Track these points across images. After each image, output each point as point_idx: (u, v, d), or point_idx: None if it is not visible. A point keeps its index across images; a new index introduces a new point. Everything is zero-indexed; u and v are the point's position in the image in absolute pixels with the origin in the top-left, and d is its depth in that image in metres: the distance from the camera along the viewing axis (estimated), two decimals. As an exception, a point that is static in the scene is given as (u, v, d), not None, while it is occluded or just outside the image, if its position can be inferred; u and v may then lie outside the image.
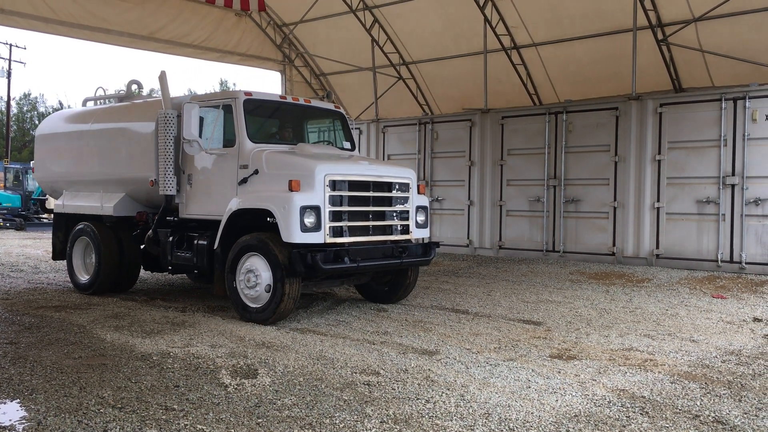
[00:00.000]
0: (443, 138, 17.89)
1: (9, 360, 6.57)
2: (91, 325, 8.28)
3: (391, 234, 9.17)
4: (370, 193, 8.87)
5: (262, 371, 6.21)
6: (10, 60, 44.58)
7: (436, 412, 5.18)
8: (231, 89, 46.06)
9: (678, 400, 5.57)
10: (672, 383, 6.03)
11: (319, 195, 8.26)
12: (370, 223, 8.89)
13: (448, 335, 7.89)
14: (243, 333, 7.83)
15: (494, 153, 16.83)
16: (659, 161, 14.28)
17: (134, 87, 11.70)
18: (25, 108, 64.92)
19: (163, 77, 9.57)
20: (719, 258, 13.45)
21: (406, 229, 9.33)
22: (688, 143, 13.95)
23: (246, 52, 21.08)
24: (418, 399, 5.47)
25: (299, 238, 8.06)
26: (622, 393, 5.72)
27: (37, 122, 65.88)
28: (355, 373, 6.20)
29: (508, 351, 7.17)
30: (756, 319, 9.17)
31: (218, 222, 8.89)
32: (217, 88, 59.60)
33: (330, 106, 10.45)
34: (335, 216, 8.44)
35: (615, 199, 14.88)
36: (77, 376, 6.00)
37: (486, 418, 5.06)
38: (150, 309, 9.48)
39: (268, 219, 8.58)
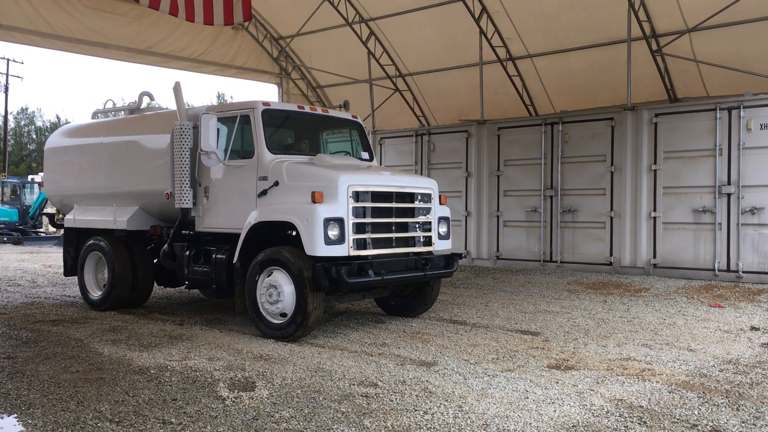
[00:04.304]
0: (440, 149, 17.94)
1: (6, 374, 6.56)
2: (88, 338, 8.27)
3: (414, 246, 8.92)
4: (393, 204, 8.65)
5: (260, 384, 6.21)
6: (7, 74, 44.74)
7: (434, 423, 5.18)
8: (228, 102, 45.97)
9: (676, 409, 5.57)
10: (670, 393, 6.04)
11: (342, 207, 8.04)
12: (393, 235, 8.65)
13: (446, 346, 7.89)
14: (241, 346, 7.83)
15: (491, 164, 16.88)
16: (655, 171, 14.33)
17: (146, 99, 11.39)
18: (22, 122, 64.95)
19: (177, 88, 9.30)
20: (716, 267, 13.47)
21: (428, 241, 9.11)
22: (683, 153, 14.01)
23: (243, 65, 21.16)
24: (416, 410, 5.47)
25: (323, 251, 7.82)
26: (620, 403, 5.73)
27: (34, 136, 65.92)
28: (353, 384, 6.20)
29: (506, 361, 7.17)
30: (753, 328, 9.18)
31: (236, 235, 8.66)
32: (215, 101, 59.73)
33: (347, 115, 10.22)
34: (358, 228, 8.22)
35: (611, 209, 14.91)
36: (75, 391, 5.99)
37: (484, 429, 5.06)
38: (147, 322, 9.47)
39: (288, 232, 8.36)
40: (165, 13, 15.30)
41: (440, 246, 9.31)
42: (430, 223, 9.14)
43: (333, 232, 7.88)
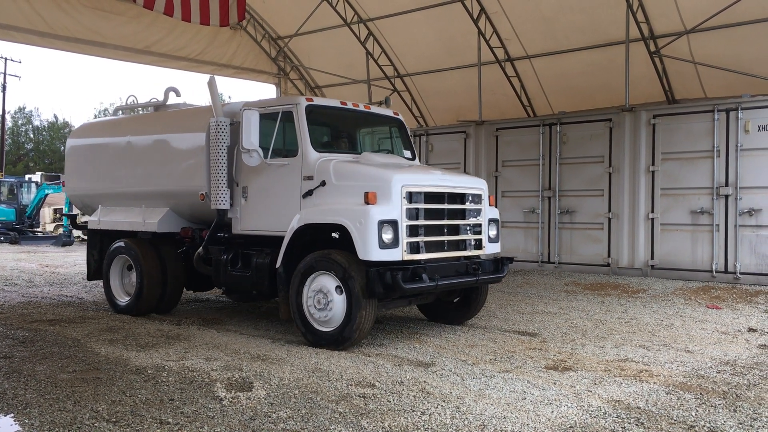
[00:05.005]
0: (438, 150, 17.93)
1: (3, 374, 6.54)
2: (85, 338, 8.25)
3: (465, 249, 8.46)
4: (445, 206, 8.20)
5: (257, 384, 6.20)
6: (5, 74, 44.64)
7: (431, 424, 5.17)
8: (227, 101, 46.14)
9: (673, 410, 5.57)
10: (667, 394, 6.04)
11: (396, 208, 7.60)
12: (446, 238, 8.21)
13: (443, 347, 7.89)
14: (238, 346, 7.82)
15: (489, 164, 16.88)
16: (653, 172, 14.34)
17: (172, 94, 10.78)
18: (20, 122, 64.91)
19: (212, 83, 8.85)
20: (714, 268, 13.48)
21: (479, 244, 8.63)
22: (681, 154, 14.02)
23: (241, 65, 21.14)
24: (413, 411, 5.46)
25: (377, 255, 7.38)
26: (617, 404, 5.73)
27: (31, 136, 65.80)
28: (351, 385, 6.19)
29: (503, 362, 7.17)
30: (751, 330, 9.19)
31: (276, 238, 8.25)
32: (213, 101, 59.53)
33: (389, 112, 9.85)
34: (411, 231, 7.76)
35: (609, 210, 14.92)
36: (71, 390, 5.98)
37: (482, 430, 5.06)
38: (144, 322, 9.45)
39: (333, 234, 8.07)
40: (160, 13, 15.15)
41: (490, 249, 8.85)
42: (480, 225, 8.67)
43: (387, 236, 7.45)
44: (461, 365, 7.01)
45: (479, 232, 8.66)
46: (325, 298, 7.69)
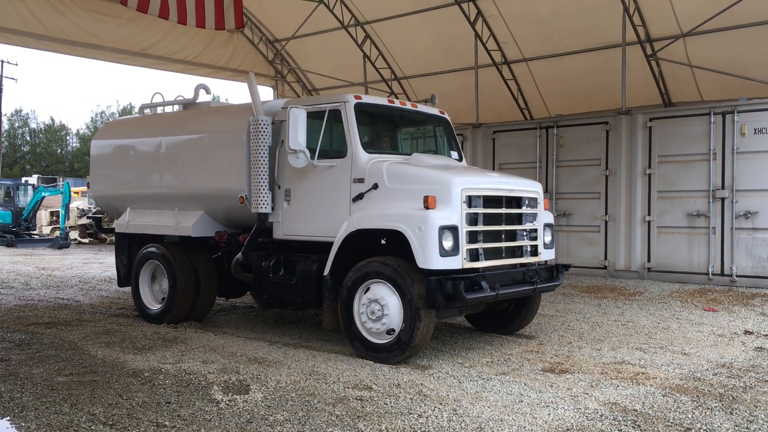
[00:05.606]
0: (435, 152, 17.93)
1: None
2: (82, 341, 8.24)
3: (522, 256, 8.06)
4: (503, 210, 7.81)
5: (254, 387, 6.20)
6: (1, 76, 44.60)
7: (428, 426, 5.18)
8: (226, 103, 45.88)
9: (670, 413, 5.59)
10: (664, 396, 6.05)
11: (456, 213, 7.18)
12: (503, 244, 7.81)
13: (440, 349, 7.90)
14: (235, 349, 7.82)
15: (486, 167, 16.87)
16: (649, 175, 14.37)
17: (202, 92, 10.28)
18: (16, 124, 64.85)
19: (251, 80, 8.61)
20: (710, 271, 13.51)
21: (534, 251, 8.22)
22: (677, 157, 14.04)
23: (238, 68, 21.12)
24: (410, 414, 5.46)
25: (438, 263, 6.97)
26: (614, 406, 5.74)
27: (28, 138, 65.75)
28: (348, 388, 6.19)
29: (500, 365, 7.18)
30: (747, 332, 9.21)
31: (322, 244, 7.94)
32: (210, 104, 59.54)
33: (435, 110, 9.34)
34: (471, 237, 7.37)
35: (606, 213, 14.94)
36: (68, 393, 5.97)
37: (478, 433, 5.06)
38: (141, 325, 9.44)
39: (383, 240, 7.61)
40: (155, 16, 15.04)
41: (546, 256, 8.46)
42: (536, 230, 8.26)
43: (447, 243, 7.05)
44: (458, 368, 7.02)
45: (535, 238, 8.27)
46: (380, 307, 7.23)
